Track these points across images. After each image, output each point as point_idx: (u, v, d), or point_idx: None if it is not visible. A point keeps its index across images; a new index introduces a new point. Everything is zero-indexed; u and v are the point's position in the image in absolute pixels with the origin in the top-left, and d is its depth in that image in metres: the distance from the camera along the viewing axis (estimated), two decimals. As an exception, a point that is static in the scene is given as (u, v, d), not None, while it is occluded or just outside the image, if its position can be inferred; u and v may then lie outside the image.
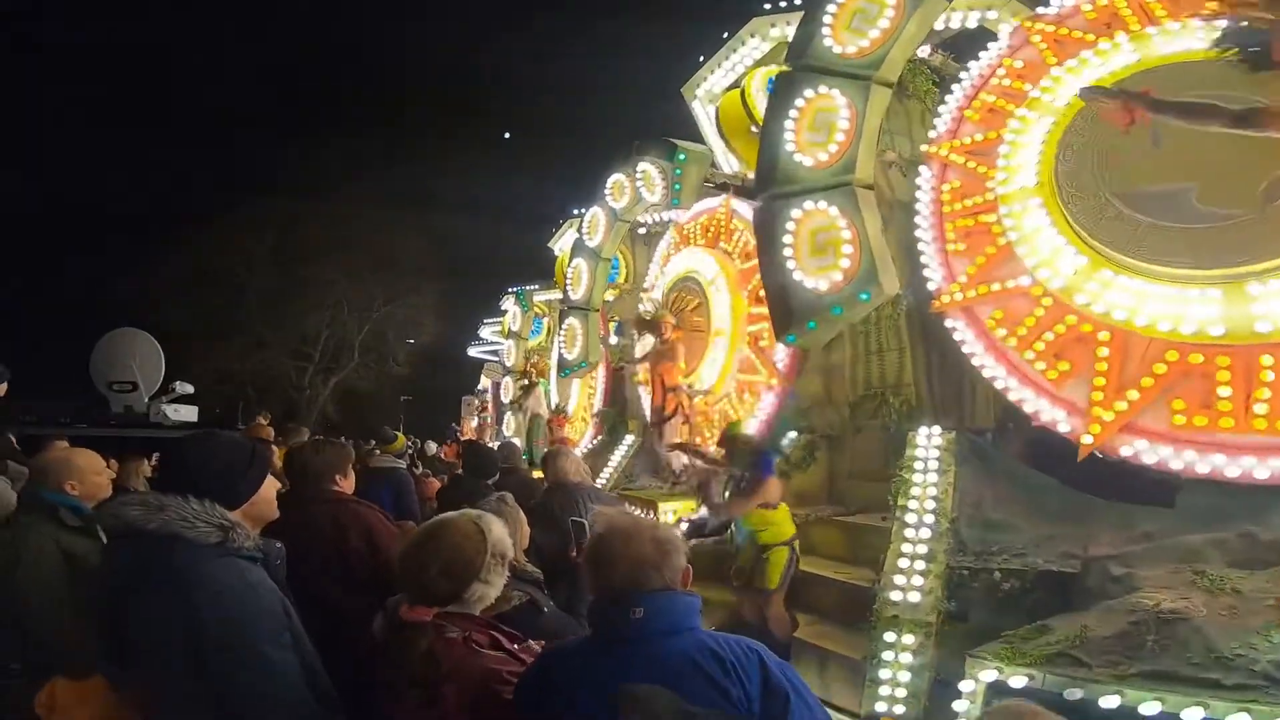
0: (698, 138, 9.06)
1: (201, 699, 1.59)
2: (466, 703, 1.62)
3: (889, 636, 3.64)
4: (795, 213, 4.94)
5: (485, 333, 21.94)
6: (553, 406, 12.26)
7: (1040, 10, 5.20)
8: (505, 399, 15.67)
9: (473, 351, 23.67)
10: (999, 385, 4.26)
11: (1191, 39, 4.23)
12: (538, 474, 5.73)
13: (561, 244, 13.59)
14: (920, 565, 3.94)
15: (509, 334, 15.74)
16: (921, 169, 5.14)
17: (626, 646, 1.53)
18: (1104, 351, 3.85)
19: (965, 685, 3.05)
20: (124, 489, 3.30)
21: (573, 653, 1.64)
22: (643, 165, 8.54)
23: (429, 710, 1.62)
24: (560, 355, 10.28)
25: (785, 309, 4.92)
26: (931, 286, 4.76)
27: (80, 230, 28.32)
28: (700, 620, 1.62)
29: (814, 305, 4.79)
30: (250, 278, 26.98)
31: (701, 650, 1.51)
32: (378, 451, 7.04)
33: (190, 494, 1.74)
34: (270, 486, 1.97)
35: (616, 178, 9.29)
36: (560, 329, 10.47)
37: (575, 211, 12.50)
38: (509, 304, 16.30)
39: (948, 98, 5.31)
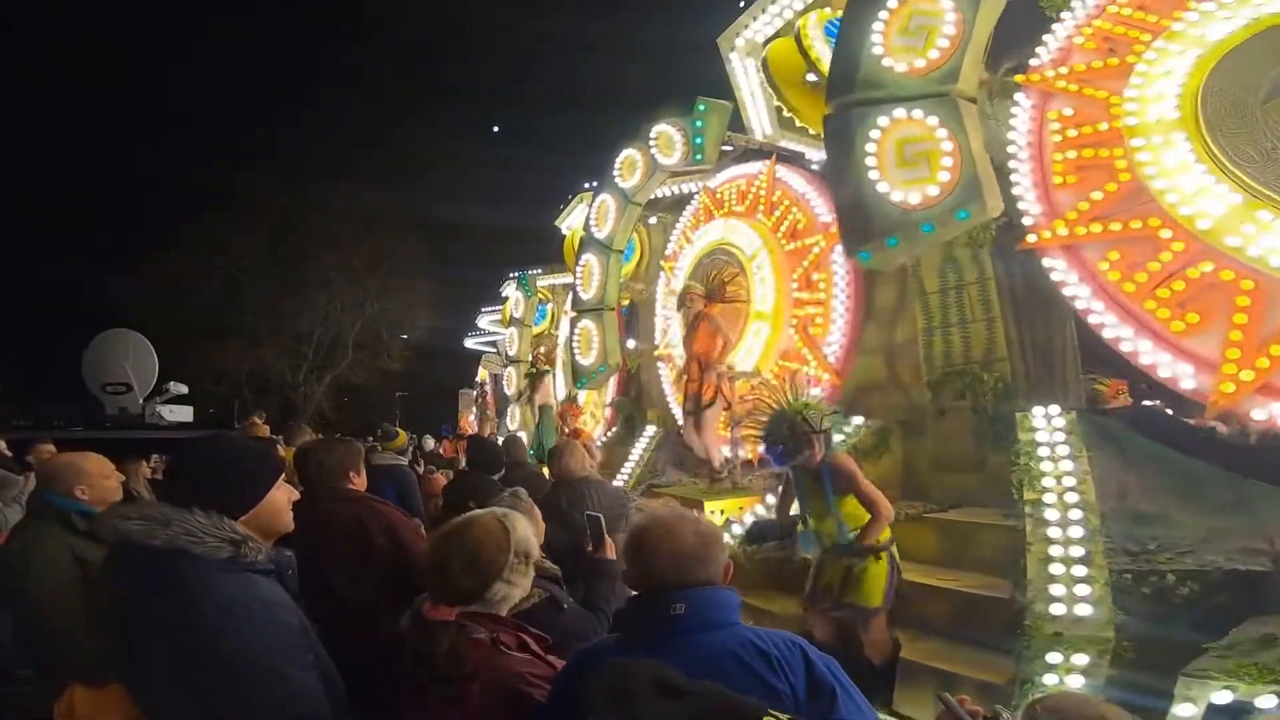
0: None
1: (214, 717, 1.53)
2: (493, 705, 1.58)
3: (1053, 657, 3.10)
4: (881, 120, 4.57)
5: (484, 322, 21.31)
6: (561, 396, 11.89)
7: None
8: (508, 391, 15.01)
9: (470, 343, 23.26)
10: (1109, 335, 3.87)
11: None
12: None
13: (570, 221, 12.84)
14: (1080, 571, 3.39)
15: (510, 321, 14.97)
16: (1017, 96, 4.77)
17: (667, 643, 1.49)
18: (1244, 301, 3.45)
19: (1182, 710, 2.56)
20: (130, 494, 3.24)
21: (610, 651, 1.57)
22: (657, 128, 8.08)
23: (451, 710, 1.59)
24: (576, 361, 9.41)
25: (862, 223, 4.48)
26: (1027, 222, 4.37)
27: (71, 231, 28.03)
28: (740, 616, 1.58)
29: (898, 220, 4.33)
30: (243, 277, 26.80)
31: (745, 645, 1.47)
32: (379, 449, 7.01)
33: (196, 506, 1.65)
34: (282, 495, 1.86)
35: (628, 154, 8.80)
36: (574, 333, 9.62)
37: (586, 186, 11.79)
38: (510, 290, 15.63)
39: (1054, 25, 4.91)
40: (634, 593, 1.63)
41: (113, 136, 30.69)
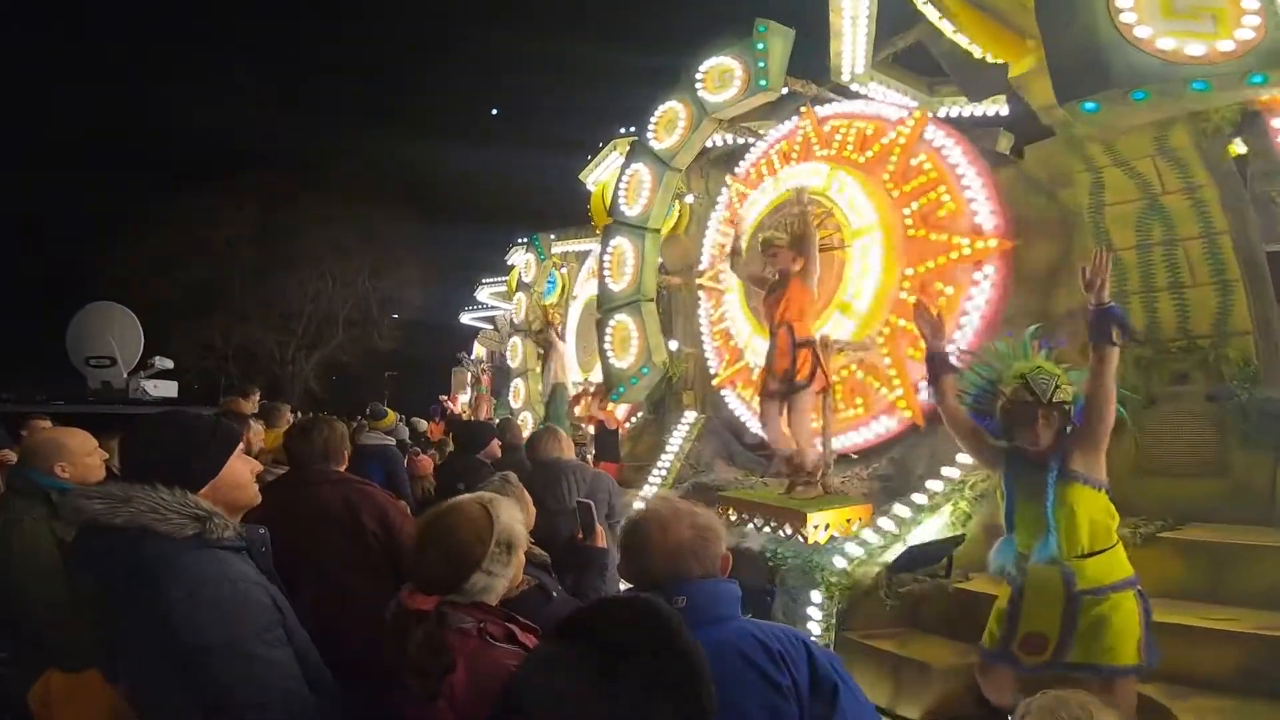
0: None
1: (190, 699, 1.48)
2: (479, 698, 1.54)
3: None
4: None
5: (483, 295, 19.85)
6: (575, 378, 10.93)
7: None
8: (511, 363, 13.52)
9: (466, 318, 22.06)
10: None
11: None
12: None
13: (596, 175, 11.15)
14: None
15: (518, 287, 13.49)
16: None
17: None
18: None
19: None
20: (112, 471, 3.19)
21: None
22: (708, 64, 7.20)
23: (431, 701, 1.54)
24: (610, 366, 8.00)
25: (1093, 66, 3.73)
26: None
27: (58, 203, 27.56)
28: (740, 609, 1.57)
29: (1156, 72, 3.62)
30: (232, 252, 26.55)
31: (747, 639, 1.46)
32: (367, 428, 6.97)
33: (159, 481, 1.59)
34: (242, 467, 1.80)
35: (667, 107, 7.66)
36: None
37: (622, 131, 10.11)
38: (518, 256, 14.23)
39: None
40: (626, 585, 1.63)
41: (101, 109, 30.06)
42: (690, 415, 7.56)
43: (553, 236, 13.03)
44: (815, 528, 4.83)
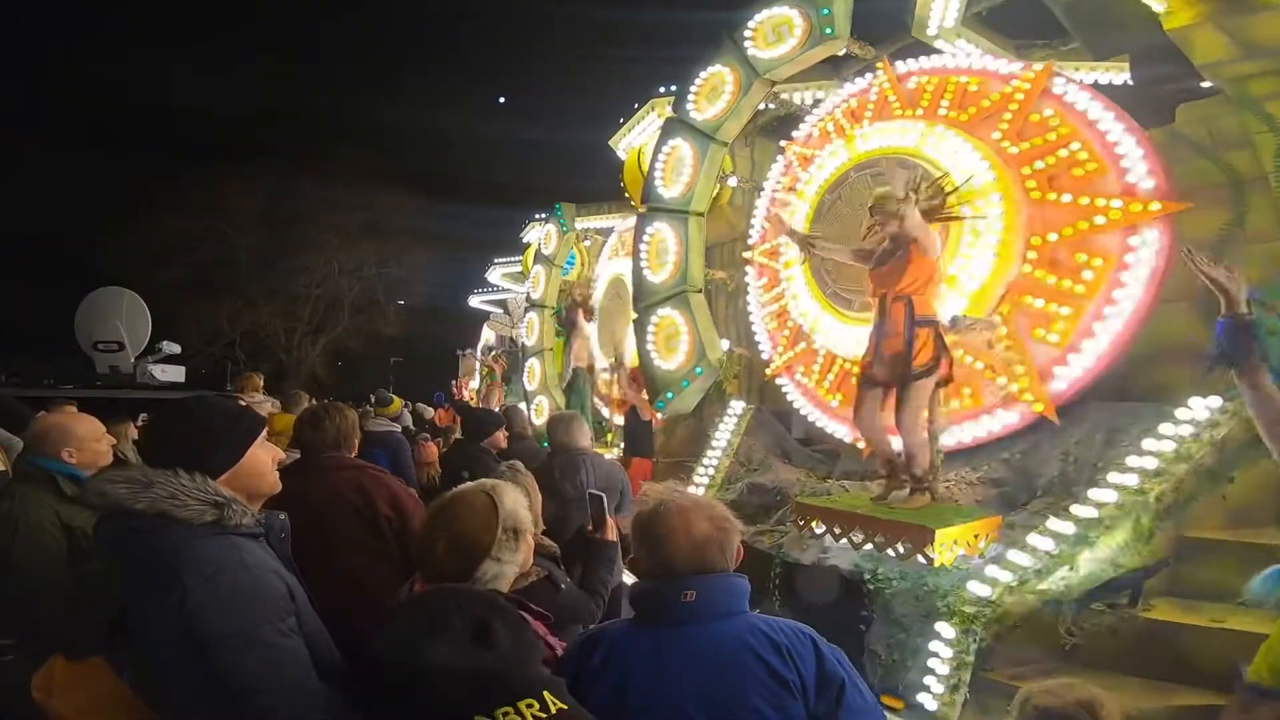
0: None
1: (202, 687, 1.48)
2: None
3: None
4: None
5: (494, 275, 18.68)
6: (600, 365, 10.04)
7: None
8: (527, 341, 12.31)
9: (475, 301, 21.11)
10: None
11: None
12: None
13: (629, 140, 10.04)
14: None
15: (537, 260, 12.26)
16: None
17: (676, 629, 1.49)
18: None
19: None
20: (119, 457, 3.17)
21: (617, 636, 1.57)
22: (760, 16, 6.54)
23: None
24: (654, 368, 7.08)
25: None
26: None
27: (68, 188, 27.60)
28: (749, 604, 1.57)
29: None
30: (240, 237, 26.58)
31: (754, 633, 1.47)
32: (373, 414, 6.96)
33: (180, 467, 1.60)
34: (264, 455, 1.80)
35: (711, 72, 6.90)
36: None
37: (661, 90, 8.89)
38: (536, 231, 13.22)
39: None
40: (632, 578, 1.62)
41: (109, 94, 30.01)
42: (738, 405, 6.47)
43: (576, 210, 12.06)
44: (945, 546, 3.80)
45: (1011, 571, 3.53)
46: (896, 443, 4.39)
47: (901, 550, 3.92)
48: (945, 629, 3.46)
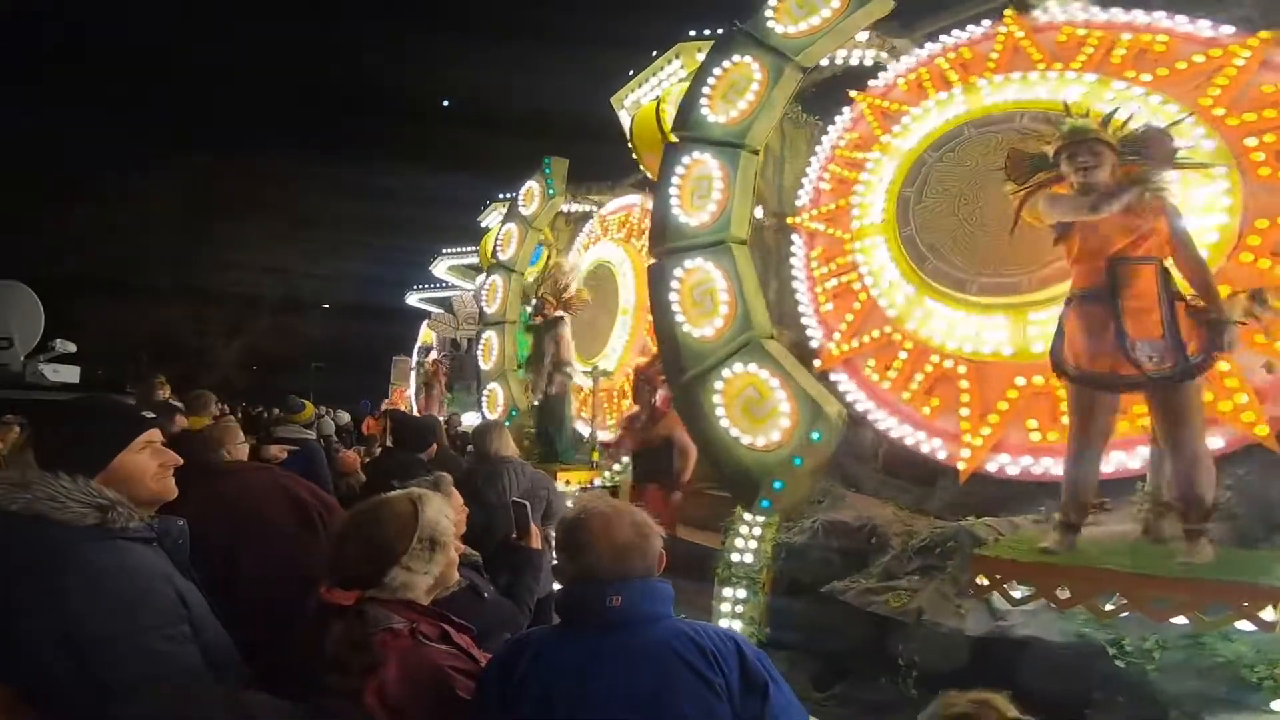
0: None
1: (84, 691, 1.45)
2: (413, 698, 1.52)
3: None
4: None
5: (440, 268, 16.69)
6: (585, 384, 7.90)
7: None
8: (483, 364, 9.55)
9: (413, 300, 19.41)
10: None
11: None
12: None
13: (639, 96, 8.12)
14: None
15: (492, 265, 9.85)
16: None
17: (601, 635, 1.51)
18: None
19: None
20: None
21: (542, 642, 1.58)
22: None
23: (350, 699, 1.50)
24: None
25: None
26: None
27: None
28: (672, 608, 1.61)
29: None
30: (151, 234, 25.32)
31: (680, 638, 1.49)
32: (283, 422, 6.60)
33: (61, 469, 1.57)
34: (143, 459, 1.74)
35: (737, 62, 5.44)
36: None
37: (692, 33, 7.14)
38: (495, 215, 11.55)
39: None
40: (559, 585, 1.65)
41: (22, 82, 28.01)
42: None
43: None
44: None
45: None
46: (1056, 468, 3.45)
47: (1179, 621, 2.75)
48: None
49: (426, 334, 18.61)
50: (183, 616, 1.60)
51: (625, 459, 6.70)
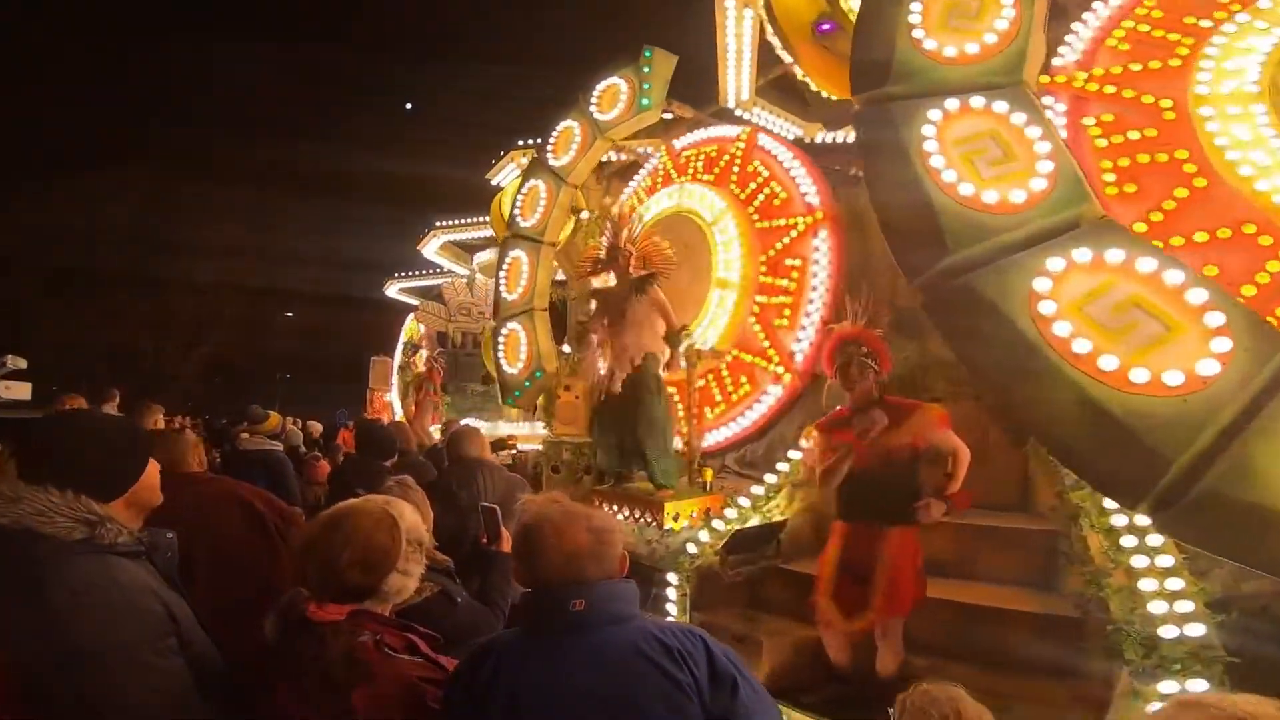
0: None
1: (73, 705, 1.47)
2: (383, 713, 1.49)
3: None
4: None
5: (429, 249, 14.70)
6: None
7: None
8: (502, 273, 8.14)
9: (394, 290, 17.56)
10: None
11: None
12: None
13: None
14: None
15: (510, 233, 8.24)
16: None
17: (567, 639, 1.49)
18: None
19: None
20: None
21: (508, 648, 1.54)
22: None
23: (343, 718, 1.47)
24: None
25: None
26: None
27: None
28: (639, 607, 1.59)
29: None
30: (106, 241, 24.59)
31: (647, 638, 1.48)
32: (247, 434, 6.44)
33: (51, 484, 1.58)
34: (154, 469, 1.81)
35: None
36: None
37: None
38: (505, 174, 10.56)
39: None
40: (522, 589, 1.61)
41: None
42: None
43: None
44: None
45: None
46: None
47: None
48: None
49: (412, 328, 16.05)
50: (170, 629, 1.60)
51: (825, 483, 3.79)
